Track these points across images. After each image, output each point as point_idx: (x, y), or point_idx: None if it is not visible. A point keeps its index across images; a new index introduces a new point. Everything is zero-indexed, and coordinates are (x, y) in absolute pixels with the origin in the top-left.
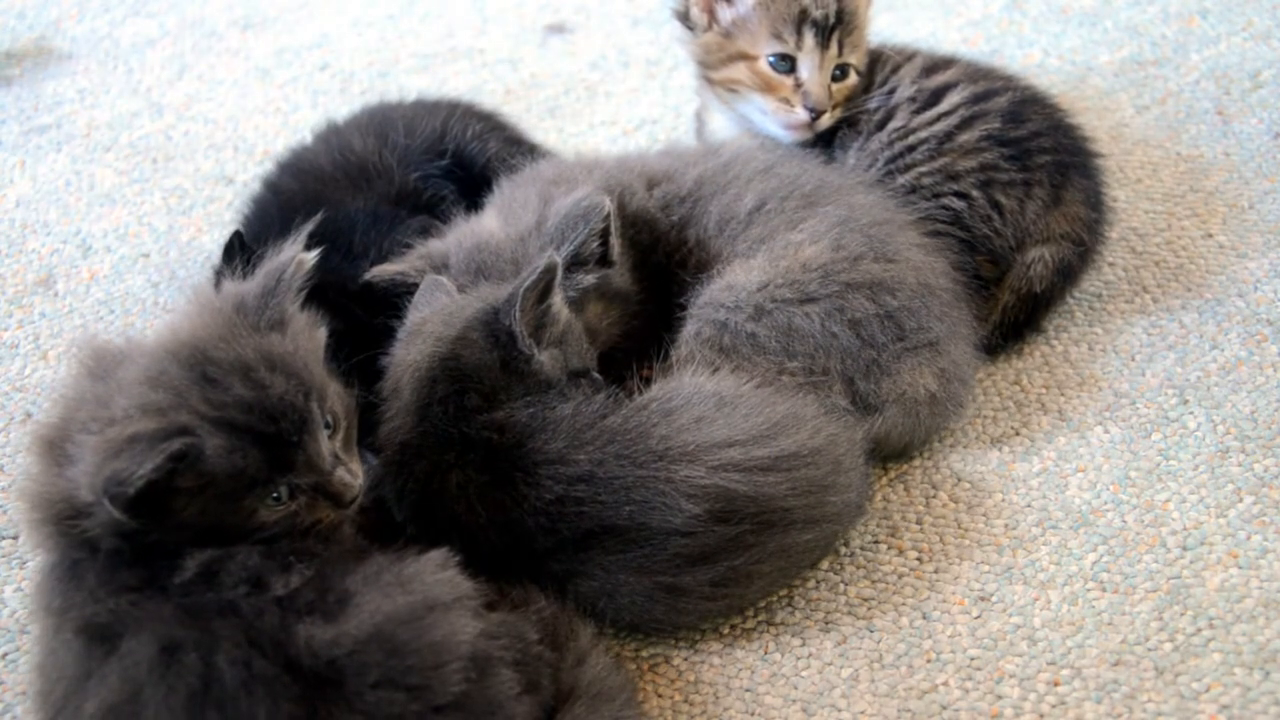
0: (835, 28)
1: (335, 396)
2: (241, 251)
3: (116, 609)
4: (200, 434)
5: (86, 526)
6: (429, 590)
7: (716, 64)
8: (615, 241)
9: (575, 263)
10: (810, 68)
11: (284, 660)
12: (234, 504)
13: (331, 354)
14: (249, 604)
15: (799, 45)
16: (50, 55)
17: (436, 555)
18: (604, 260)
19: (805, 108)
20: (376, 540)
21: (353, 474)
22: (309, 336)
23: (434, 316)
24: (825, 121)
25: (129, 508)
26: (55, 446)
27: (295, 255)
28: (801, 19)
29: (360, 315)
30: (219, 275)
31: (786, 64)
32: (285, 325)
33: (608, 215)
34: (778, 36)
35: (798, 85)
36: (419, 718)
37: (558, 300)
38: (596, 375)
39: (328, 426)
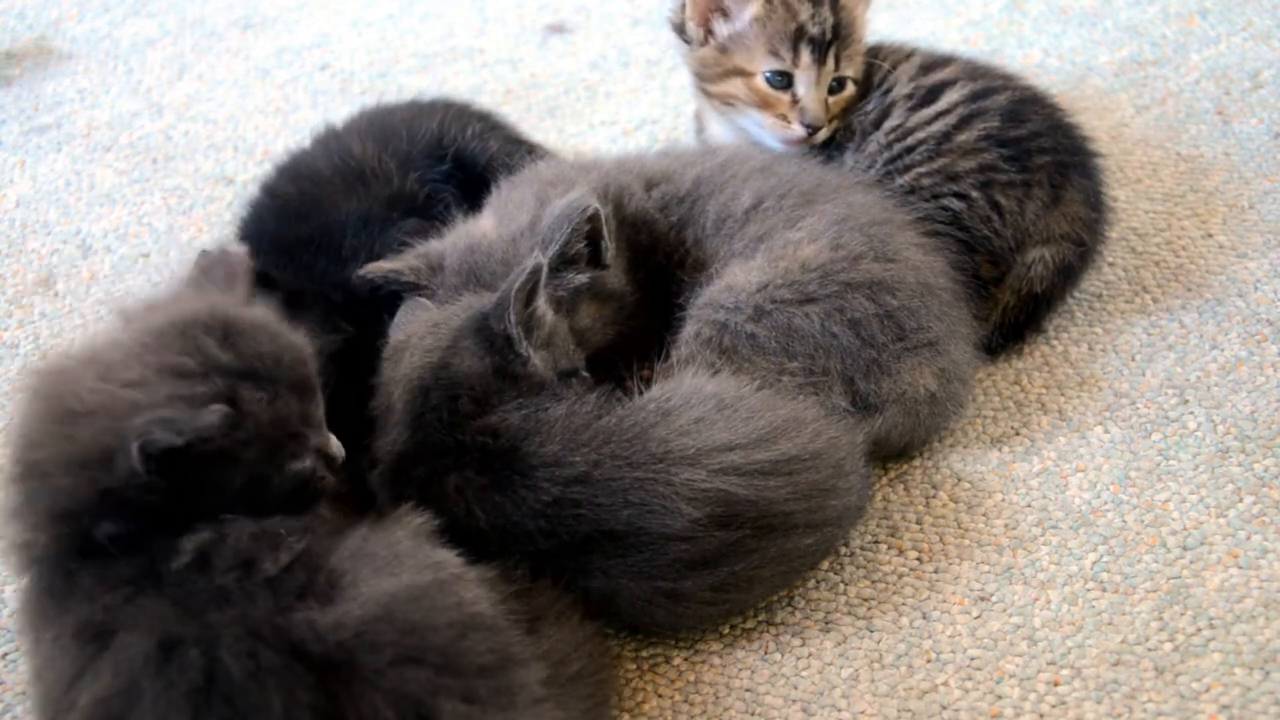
0: (832, 43)
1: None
2: None
3: (110, 606)
4: (241, 391)
5: (88, 514)
6: (435, 564)
7: (713, 78)
8: (608, 242)
9: (564, 262)
10: (807, 84)
11: (289, 647)
12: (274, 460)
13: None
14: (241, 590)
15: (796, 62)
16: (50, 55)
17: (416, 521)
18: (596, 260)
19: (802, 124)
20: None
21: (335, 440)
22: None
23: (418, 330)
24: (823, 135)
25: (161, 460)
26: (66, 411)
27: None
28: (798, 36)
29: (346, 327)
30: None
31: (783, 80)
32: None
33: (594, 216)
34: (774, 54)
35: (795, 101)
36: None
37: (542, 302)
38: (586, 374)
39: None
